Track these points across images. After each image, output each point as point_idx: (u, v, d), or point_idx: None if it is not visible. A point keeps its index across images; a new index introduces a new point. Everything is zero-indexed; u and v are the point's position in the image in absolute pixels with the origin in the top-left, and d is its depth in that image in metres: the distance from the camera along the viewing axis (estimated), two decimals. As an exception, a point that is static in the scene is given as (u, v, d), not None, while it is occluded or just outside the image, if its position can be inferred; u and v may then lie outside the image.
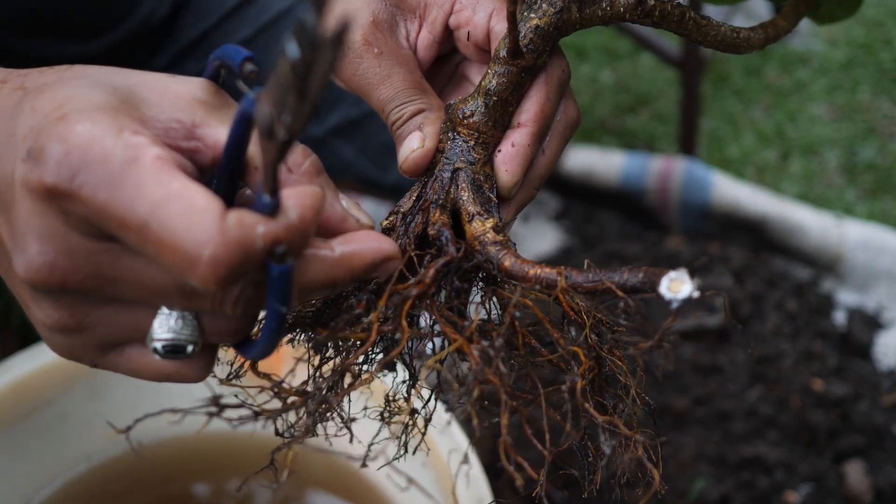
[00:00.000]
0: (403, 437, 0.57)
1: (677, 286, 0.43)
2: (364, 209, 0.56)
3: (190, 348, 0.45)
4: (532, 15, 0.55)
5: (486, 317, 0.53)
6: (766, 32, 0.61)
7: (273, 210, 0.42)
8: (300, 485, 0.94)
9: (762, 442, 1.26)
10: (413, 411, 0.55)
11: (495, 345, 0.48)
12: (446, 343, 0.51)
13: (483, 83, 0.56)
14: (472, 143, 0.56)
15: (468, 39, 0.59)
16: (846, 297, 1.55)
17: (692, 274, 0.43)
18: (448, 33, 0.60)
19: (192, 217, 0.40)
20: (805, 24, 2.46)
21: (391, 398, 0.56)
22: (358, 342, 0.50)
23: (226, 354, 0.51)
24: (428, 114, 0.58)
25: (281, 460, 0.56)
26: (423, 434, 0.57)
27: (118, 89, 0.45)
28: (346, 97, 1.26)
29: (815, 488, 1.21)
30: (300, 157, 0.48)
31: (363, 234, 0.47)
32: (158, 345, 0.45)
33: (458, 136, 0.56)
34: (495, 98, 0.56)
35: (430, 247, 0.54)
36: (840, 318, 1.51)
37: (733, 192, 1.62)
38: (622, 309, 0.48)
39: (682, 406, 1.30)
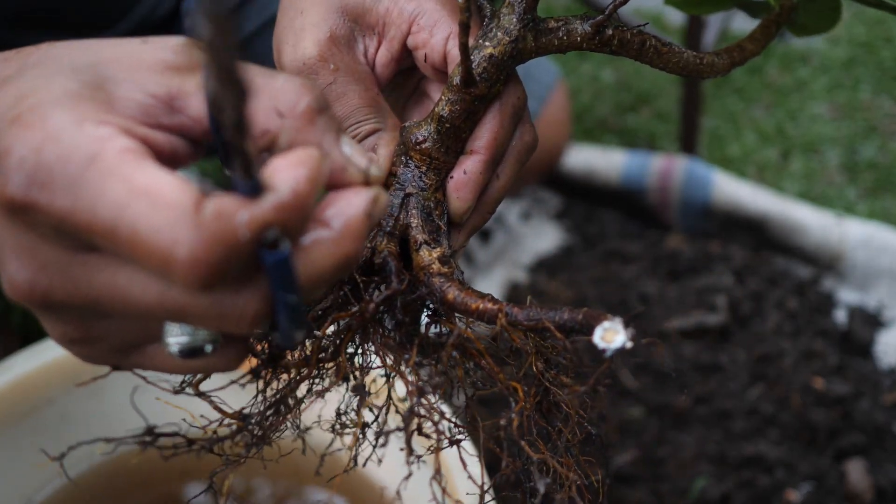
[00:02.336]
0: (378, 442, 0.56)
1: (611, 336, 0.43)
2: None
3: (209, 347, 0.42)
4: (486, 43, 0.54)
5: (421, 355, 0.52)
6: (731, 57, 0.60)
7: (256, 189, 0.36)
8: (299, 482, 0.94)
9: (763, 441, 1.26)
10: (364, 424, 0.55)
11: (431, 382, 0.48)
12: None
13: (436, 109, 0.55)
14: (424, 168, 0.55)
15: (426, 61, 0.58)
16: (847, 296, 1.55)
17: (627, 324, 0.43)
18: (407, 51, 0.59)
19: (160, 214, 0.36)
20: (806, 23, 2.45)
21: (342, 412, 0.56)
22: (298, 371, 0.50)
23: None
24: (382, 134, 0.57)
25: (220, 482, 0.55)
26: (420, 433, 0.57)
27: (81, 71, 0.40)
28: None
29: (815, 487, 1.21)
30: (293, 96, 0.42)
31: (347, 194, 0.41)
32: (175, 349, 0.42)
33: (410, 161, 0.56)
34: (448, 125, 0.55)
35: (376, 274, 0.53)
36: (841, 316, 1.51)
37: (734, 190, 1.62)
38: (561, 347, 0.48)
39: (683, 405, 1.30)
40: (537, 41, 0.55)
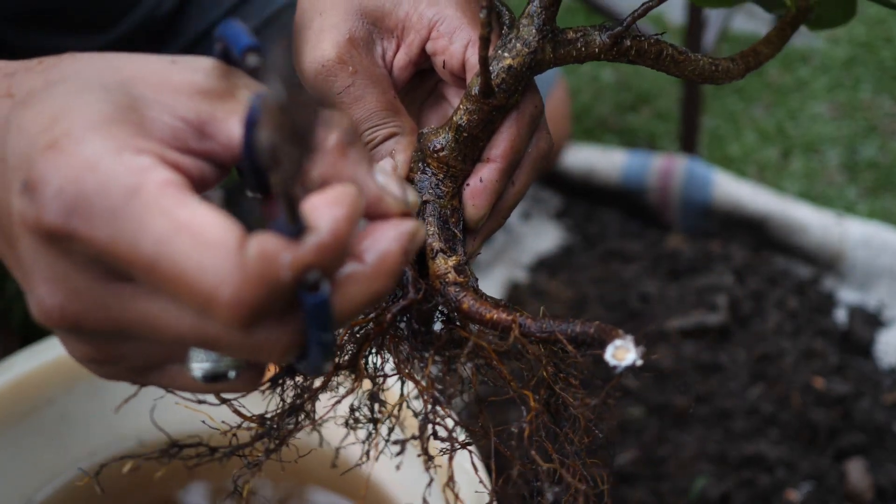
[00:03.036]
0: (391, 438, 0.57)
1: (622, 354, 0.44)
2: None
3: (233, 374, 0.42)
4: (505, 54, 0.55)
5: (440, 364, 0.53)
6: (746, 62, 0.61)
7: (297, 229, 0.36)
8: (301, 482, 0.94)
9: (763, 440, 1.26)
10: (375, 420, 0.55)
11: (446, 393, 0.49)
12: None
13: (454, 118, 0.56)
14: (442, 176, 0.56)
15: (444, 67, 0.58)
16: (847, 296, 1.55)
17: (637, 342, 0.44)
18: (425, 56, 0.59)
19: (204, 253, 0.35)
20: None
21: (355, 408, 0.57)
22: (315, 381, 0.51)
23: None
24: (400, 139, 0.57)
25: (243, 485, 0.55)
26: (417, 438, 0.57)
27: (112, 91, 0.40)
28: None
29: (815, 486, 1.21)
30: (322, 132, 0.41)
31: (383, 228, 0.40)
32: (199, 374, 0.41)
33: (427, 168, 0.56)
34: (465, 134, 0.55)
35: None
36: (841, 316, 1.51)
37: (734, 190, 1.62)
38: (572, 359, 0.49)
39: (683, 404, 1.30)
40: (556, 52, 0.55)
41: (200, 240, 0.35)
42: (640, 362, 0.43)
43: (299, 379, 0.52)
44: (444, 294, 0.53)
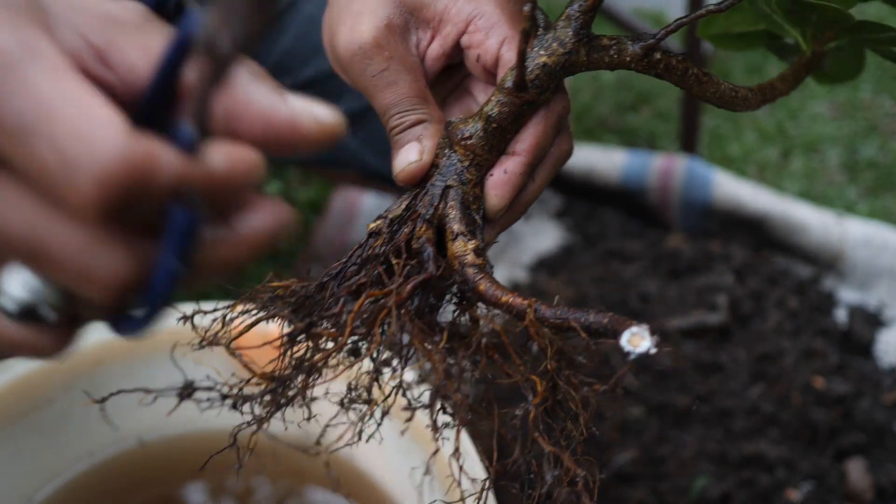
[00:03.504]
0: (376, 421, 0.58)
1: (637, 341, 0.46)
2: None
3: (50, 315, 0.37)
4: (542, 52, 0.57)
5: (453, 331, 0.54)
6: (763, 94, 0.63)
7: (193, 145, 0.34)
8: (298, 481, 0.94)
9: (763, 440, 1.26)
10: (370, 401, 0.57)
11: (460, 365, 0.50)
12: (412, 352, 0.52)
13: (485, 109, 0.57)
14: (467, 163, 0.57)
15: (477, 61, 0.60)
16: (847, 295, 1.55)
17: (653, 331, 0.45)
18: (458, 49, 0.61)
19: (88, 123, 0.33)
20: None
21: (353, 387, 0.58)
22: (329, 340, 0.52)
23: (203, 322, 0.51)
24: (428, 125, 0.58)
25: (244, 441, 0.56)
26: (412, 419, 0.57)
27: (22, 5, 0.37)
28: (349, 90, 1.26)
29: (816, 486, 1.21)
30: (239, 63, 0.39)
31: (265, 209, 0.38)
32: (11, 304, 0.36)
33: (453, 155, 0.58)
34: (495, 125, 0.57)
35: (412, 257, 0.55)
36: (841, 315, 1.51)
37: (734, 190, 1.62)
38: (583, 347, 0.50)
39: (684, 404, 1.30)
40: (589, 56, 0.57)
41: (90, 113, 0.33)
42: (654, 350, 0.45)
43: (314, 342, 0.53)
44: (462, 274, 0.54)
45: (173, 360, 0.57)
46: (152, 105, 0.37)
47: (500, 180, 0.57)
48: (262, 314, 0.53)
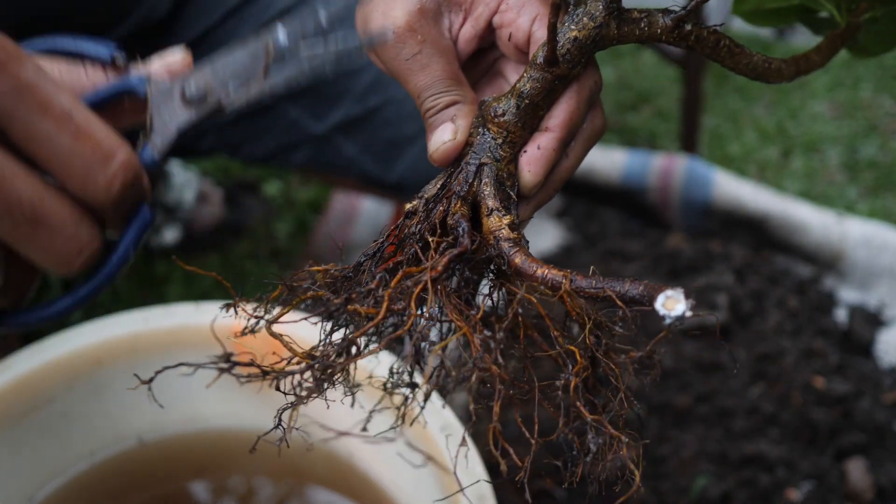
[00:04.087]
0: (402, 410, 0.58)
1: (672, 304, 0.46)
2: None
3: None
4: (572, 27, 0.57)
5: (491, 308, 0.55)
6: (797, 65, 0.62)
7: (154, 163, 0.49)
8: (300, 481, 0.94)
9: (763, 439, 1.26)
10: (413, 385, 0.57)
11: (497, 336, 0.50)
12: (451, 329, 0.53)
13: (518, 85, 0.58)
14: (501, 140, 0.58)
15: (509, 40, 0.61)
16: (847, 295, 1.55)
17: (688, 295, 0.46)
18: (490, 30, 0.62)
19: (106, 127, 0.45)
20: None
21: (395, 371, 0.58)
22: (368, 316, 0.52)
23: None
24: (461, 106, 0.59)
25: (287, 420, 0.57)
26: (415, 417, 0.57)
27: None
28: (349, 94, 1.26)
29: (816, 486, 1.21)
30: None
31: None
32: None
33: (487, 133, 0.58)
34: (527, 101, 0.57)
35: (448, 235, 0.56)
36: (841, 315, 1.51)
37: (735, 189, 1.62)
38: (619, 317, 0.50)
39: (684, 403, 1.30)
40: (620, 29, 0.58)
41: (106, 129, 0.46)
42: (689, 313, 0.45)
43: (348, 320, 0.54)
44: (498, 248, 0.55)
45: (172, 361, 0.56)
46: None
47: (534, 156, 0.58)
48: (302, 296, 0.54)
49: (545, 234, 1.69)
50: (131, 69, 0.52)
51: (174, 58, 0.53)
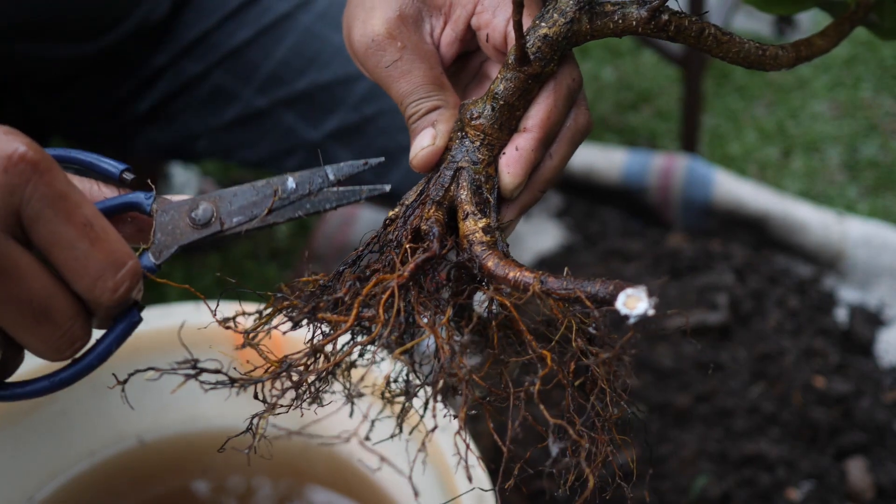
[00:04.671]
0: (400, 419, 0.58)
1: (633, 303, 0.45)
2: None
3: None
4: (542, 24, 0.57)
5: (458, 312, 0.55)
6: (797, 51, 0.60)
7: (153, 269, 0.55)
8: (300, 481, 0.94)
9: (764, 439, 1.26)
10: (408, 392, 0.57)
11: (462, 340, 0.50)
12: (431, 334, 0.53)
13: (492, 87, 0.58)
14: (478, 143, 0.57)
15: (487, 41, 0.60)
16: (848, 295, 1.55)
17: (650, 293, 0.44)
18: (471, 32, 0.62)
19: (119, 236, 0.50)
20: (807, 22, 2.45)
21: (391, 380, 0.58)
22: (339, 324, 0.52)
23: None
24: (443, 111, 0.59)
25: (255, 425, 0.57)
26: (421, 427, 0.57)
27: None
28: (345, 102, 1.26)
29: (816, 485, 1.21)
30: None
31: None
32: None
33: (465, 137, 0.58)
34: (502, 102, 0.57)
35: (421, 240, 0.56)
36: (842, 315, 1.51)
37: (735, 189, 1.62)
38: (592, 318, 0.49)
39: (684, 403, 1.30)
40: (592, 23, 0.57)
41: (115, 234, 0.50)
42: (651, 312, 0.44)
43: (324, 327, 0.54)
44: (470, 252, 0.54)
45: (172, 361, 0.57)
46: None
47: (512, 157, 0.57)
48: (278, 306, 0.54)
49: (546, 234, 1.69)
50: (138, 188, 0.56)
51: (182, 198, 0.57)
